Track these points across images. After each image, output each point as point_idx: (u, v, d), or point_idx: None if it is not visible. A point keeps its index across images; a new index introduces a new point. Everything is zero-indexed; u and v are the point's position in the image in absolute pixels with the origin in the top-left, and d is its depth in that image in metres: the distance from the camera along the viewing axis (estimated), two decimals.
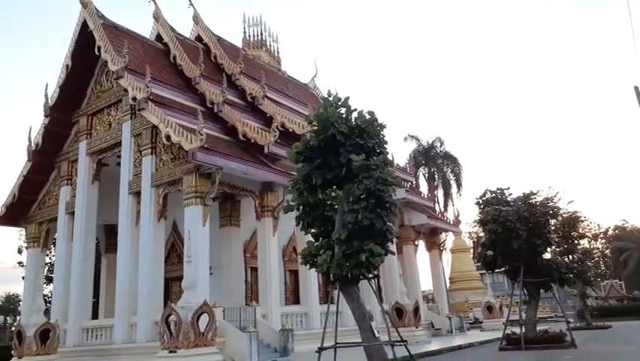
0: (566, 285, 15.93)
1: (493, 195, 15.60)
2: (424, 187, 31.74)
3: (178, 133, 14.19)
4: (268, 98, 19.93)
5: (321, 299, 17.94)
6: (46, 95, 18.56)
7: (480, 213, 15.45)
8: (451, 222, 27.67)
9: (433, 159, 40.60)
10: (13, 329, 29.21)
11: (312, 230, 7.74)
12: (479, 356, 13.98)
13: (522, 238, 13.95)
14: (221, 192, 15.80)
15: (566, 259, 22.10)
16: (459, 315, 25.71)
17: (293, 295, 19.08)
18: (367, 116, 7.40)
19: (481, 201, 15.58)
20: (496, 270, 16.04)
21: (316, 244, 7.55)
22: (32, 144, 18.88)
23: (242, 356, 12.86)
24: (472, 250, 40.71)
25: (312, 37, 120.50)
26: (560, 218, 17.68)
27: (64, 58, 18.42)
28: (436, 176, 40.10)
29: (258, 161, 16.11)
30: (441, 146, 41.31)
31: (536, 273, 14.43)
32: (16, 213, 19.80)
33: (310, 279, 17.09)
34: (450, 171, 40.52)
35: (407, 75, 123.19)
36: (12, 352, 14.50)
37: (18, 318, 29.68)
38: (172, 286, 17.66)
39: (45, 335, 14.07)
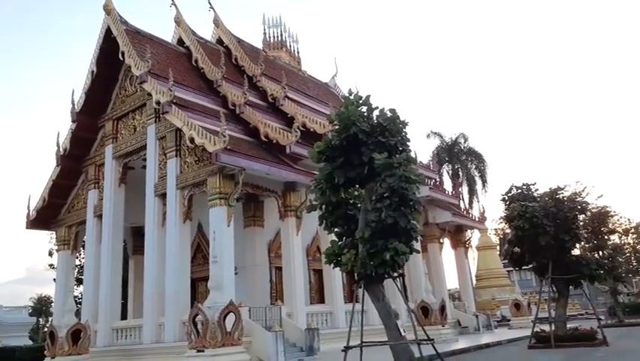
0: (596, 281, 15.58)
1: (519, 191, 15.33)
2: (448, 184, 31.46)
3: (201, 135, 14.35)
4: (289, 98, 20.00)
5: (346, 298, 17.92)
6: (72, 101, 18.99)
7: (506, 209, 15.20)
8: (477, 219, 27.30)
9: (457, 156, 40.09)
10: (45, 329, 30.00)
11: (336, 229, 7.73)
12: (508, 354, 13.76)
13: (549, 234, 13.67)
14: (244, 193, 15.93)
15: (596, 255, 21.61)
16: (486, 313, 25.34)
17: (318, 294, 19.11)
18: (389, 114, 7.35)
19: (506, 198, 15.33)
20: (524, 267, 15.77)
21: (340, 243, 7.54)
22: (60, 149, 19.34)
23: (268, 355, 12.94)
24: (498, 247, 40.07)
25: (332, 36, 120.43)
26: (588, 213, 17.28)
27: (89, 64, 18.81)
28: (460, 173, 39.59)
29: (280, 161, 16.18)
30: (465, 142, 40.79)
31: (565, 269, 14.13)
32: (47, 216, 20.30)
33: (335, 278, 17.09)
34: (474, 167, 39.96)
35: (429, 71, 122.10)
36: (45, 352, 14.89)
37: (50, 319, 30.46)
38: (198, 287, 17.88)
39: (76, 335, 14.40)
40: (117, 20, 18.34)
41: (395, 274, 7.21)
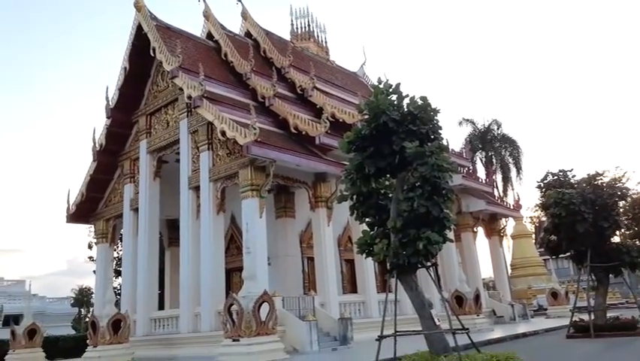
0: (637, 269, 15.06)
1: (555, 177, 14.92)
2: (481, 172, 30.86)
3: (232, 128, 14.51)
4: (317, 89, 19.98)
5: (379, 288, 17.92)
6: (107, 98, 19.46)
7: (542, 196, 14.84)
8: (511, 208, 26.76)
9: (490, 143, 39.24)
10: (87, 319, 31.10)
11: (367, 219, 7.69)
12: (545, 344, 13.50)
13: (588, 222, 13.28)
14: (275, 185, 16.06)
15: (637, 242, 20.87)
16: (522, 302, 24.90)
17: (350, 284, 19.16)
18: (420, 102, 7.23)
19: (542, 185, 14.95)
20: (561, 255, 15.39)
21: (371, 233, 7.50)
22: (97, 145, 19.88)
23: (302, 344, 13.08)
24: (534, 236, 39.18)
25: (360, 25, 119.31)
26: (629, 199, 16.67)
27: (122, 60, 19.22)
28: (493, 160, 38.76)
29: (309, 152, 16.22)
30: (498, 129, 39.86)
31: (604, 257, 13.73)
32: (85, 210, 20.95)
33: (367, 268, 17.10)
34: (508, 154, 39.04)
35: (460, 57, 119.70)
36: (87, 341, 15.44)
37: (91, 309, 31.56)
38: (232, 277, 18.18)
39: (117, 325, 14.87)
40: (147, 17, 18.65)
41: (428, 264, 7.14)
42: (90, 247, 31.90)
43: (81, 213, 20.91)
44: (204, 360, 12.40)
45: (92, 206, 21.03)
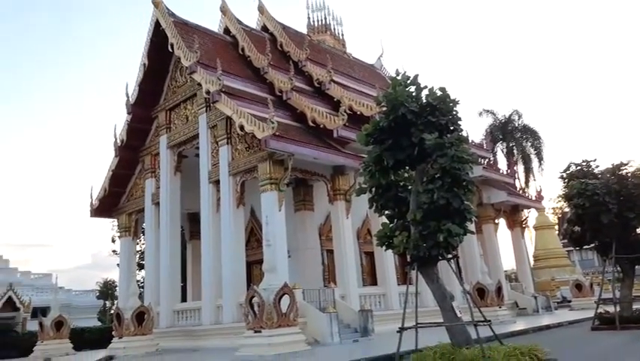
0: None
1: (578, 168, 14.64)
2: (502, 163, 30.46)
3: (251, 123, 14.58)
4: (335, 82, 19.92)
5: (399, 280, 17.89)
6: (127, 94, 19.73)
7: (564, 187, 14.57)
8: (534, 199, 26.38)
9: (511, 134, 38.66)
10: (112, 312, 31.74)
11: (386, 212, 7.66)
12: (570, 336, 13.32)
13: (612, 212, 13.01)
14: (294, 178, 16.11)
15: None
16: (545, 294, 24.58)
17: (370, 276, 19.17)
18: (438, 93, 7.15)
19: (565, 175, 14.69)
20: (585, 246, 15.12)
21: (391, 225, 7.47)
22: (118, 141, 20.19)
23: (323, 335, 13.15)
24: (557, 227, 38.55)
25: (377, 16, 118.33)
26: None
27: (141, 57, 19.44)
28: (515, 151, 38.20)
29: (327, 145, 16.21)
30: (519, 119, 39.23)
31: (630, 248, 13.44)
32: (108, 205, 21.33)
33: (387, 260, 17.08)
34: (530, 145, 38.42)
35: (478, 47, 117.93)
36: (113, 332, 15.79)
37: (116, 302, 32.20)
38: (253, 270, 18.35)
39: (140, 317, 15.17)
40: (165, 13, 18.80)
41: (449, 256, 7.09)
42: (113, 240, 32.51)
43: (104, 207, 21.28)
44: (227, 352, 12.55)
45: (115, 201, 21.40)
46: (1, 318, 23.42)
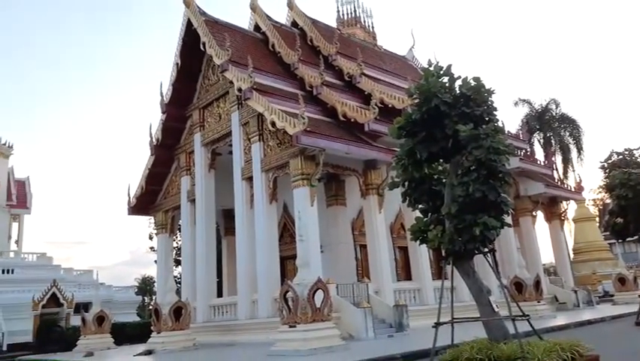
0: None
1: (621, 157, 14.20)
2: (539, 154, 29.64)
3: (282, 119, 14.64)
4: (365, 75, 19.79)
5: (434, 275, 17.69)
6: (161, 94, 20.12)
7: (606, 177, 14.15)
8: (573, 190, 25.60)
9: (549, 123, 37.56)
10: (150, 307, 32.58)
11: (420, 206, 7.53)
12: (613, 331, 12.88)
13: None
14: (325, 173, 16.12)
15: None
16: (586, 288, 23.86)
17: (404, 271, 19.02)
18: (473, 83, 6.97)
19: (606, 165, 14.29)
20: (628, 238, 14.60)
21: (425, 219, 7.35)
22: (154, 140, 20.64)
23: (358, 330, 13.13)
24: (597, 219, 37.33)
25: (407, 7, 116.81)
26: None
27: (174, 57, 19.77)
28: (552, 141, 37.11)
29: (359, 140, 16.13)
30: (556, 108, 38.07)
31: None
32: (145, 203, 21.86)
33: (421, 255, 16.92)
34: (568, 134, 37.25)
35: (512, 35, 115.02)
36: (151, 327, 16.19)
37: (154, 297, 33.04)
38: (287, 265, 18.48)
39: (178, 312, 15.50)
40: (196, 12, 19.06)
41: (485, 250, 6.93)
42: (151, 237, 33.33)
43: (141, 205, 21.81)
44: (262, 346, 12.68)
45: (152, 198, 21.90)
46: (46, 313, 24.33)
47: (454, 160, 7.10)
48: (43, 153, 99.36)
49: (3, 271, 28.53)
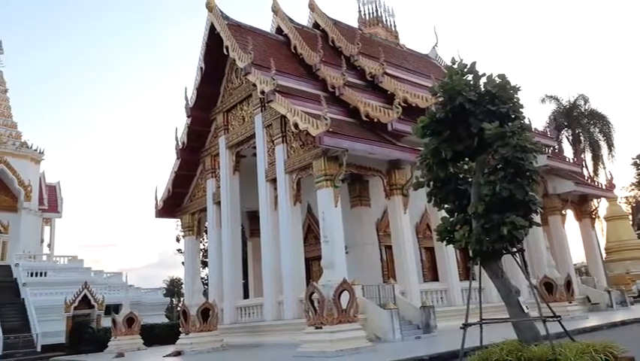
0: None
1: None
2: (568, 151, 29.03)
3: (304, 120, 14.67)
4: (388, 74, 19.67)
5: (461, 275, 17.48)
6: (186, 98, 20.40)
7: (638, 174, 13.69)
8: (604, 188, 24.95)
9: (577, 120, 36.69)
10: (178, 308, 33.01)
11: (446, 205, 7.44)
12: None
13: None
14: (349, 174, 16.08)
15: None
16: (619, 288, 23.22)
17: (430, 271, 18.84)
18: (498, 80, 6.86)
19: (638, 161, 13.78)
20: None
21: (451, 219, 7.26)
22: (179, 143, 20.94)
23: (384, 332, 13.04)
24: (630, 217, 36.27)
25: (430, 4, 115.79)
26: None
27: (198, 61, 20.03)
28: (581, 138, 36.25)
29: (382, 139, 16.04)
30: (585, 104, 37.17)
31: None
32: (172, 206, 22.18)
33: (448, 255, 16.73)
34: (598, 130, 36.32)
35: (537, 31, 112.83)
36: (180, 328, 16.42)
37: (182, 299, 33.49)
38: (312, 266, 18.51)
39: (205, 313, 15.67)
40: (219, 16, 19.27)
41: (514, 250, 6.81)
42: (178, 240, 33.86)
43: (168, 208, 22.14)
44: (289, 347, 12.72)
45: (178, 201, 22.21)
46: (78, 315, 24.93)
47: (480, 159, 7.00)
48: (72, 157, 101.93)
49: (36, 274, 29.35)
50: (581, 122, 36.67)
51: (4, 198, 35.43)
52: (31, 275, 29.05)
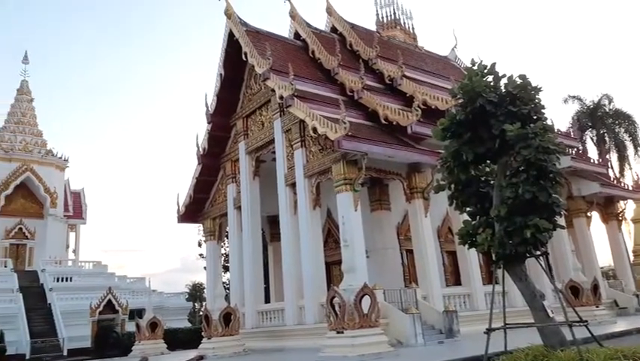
0: None
1: None
2: (593, 152, 28.45)
3: (323, 124, 14.69)
4: (406, 77, 19.58)
5: (484, 279, 17.25)
6: (206, 104, 20.63)
7: None
8: (630, 189, 24.36)
9: (602, 120, 35.91)
10: (200, 313, 33.30)
11: (468, 208, 7.37)
12: None
13: None
14: (368, 177, 16.01)
15: None
16: None
17: (453, 276, 18.64)
18: (518, 81, 6.79)
19: None
20: None
21: (474, 222, 7.18)
22: (200, 149, 21.17)
23: (407, 337, 12.93)
24: None
25: (448, 6, 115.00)
26: None
27: (217, 67, 20.25)
28: (606, 138, 35.47)
29: (401, 143, 15.96)
30: (610, 104, 36.35)
31: None
32: (194, 211, 22.38)
33: (470, 259, 16.53)
34: (623, 130, 35.49)
35: (558, 30, 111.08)
36: (202, 333, 16.55)
37: (204, 303, 33.76)
38: (332, 270, 18.46)
39: (227, 318, 15.77)
40: (237, 23, 19.46)
41: (538, 253, 6.71)
42: (200, 244, 34.12)
43: (190, 213, 22.35)
44: (310, 352, 12.70)
45: (199, 206, 22.41)
46: (102, 320, 25.36)
47: (502, 161, 6.92)
48: (95, 162, 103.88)
49: (62, 279, 29.96)
50: (605, 122, 35.89)
51: (31, 205, 36.33)
52: (57, 280, 29.66)
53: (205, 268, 23.38)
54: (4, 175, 35.08)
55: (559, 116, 66.19)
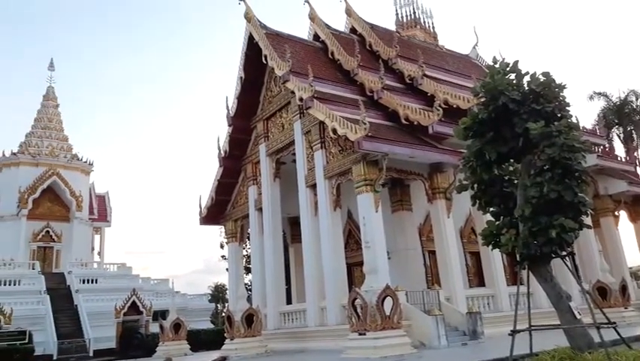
0: None
1: None
2: (620, 150, 27.78)
3: (343, 125, 14.67)
4: (427, 76, 19.42)
5: (508, 280, 16.99)
6: (227, 107, 20.81)
7: None
8: None
9: (629, 117, 35.05)
10: (223, 314, 33.57)
11: (491, 208, 7.27)
12: None
13: None
14: (389, 178, 15.93)
15: None
16: None
17: (476, 277, 18.41)
18: (542, 79, 6.68)
19: None
20: None
21: (497, 223, 7.09)
22: (221, 152, 21.36)
23: (430, 339, 12.81)
24: None
25: (469, 3, 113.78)
26: None
27: (238, 70, 20.41)
28: (634, 135, 34.63)
29: (422, 143, 15.84)
30: (637, 100, 35.48)
31: None
32: (216, 213, 22.58)
33: (494, 260, 16.31)
34: None
35: (582, 26, 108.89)
36: (225, 334, 16.67)
37: (226, 305, 34.04)
38: (354, 271, 18.42)
39: (250, 319, 15.86)
40: (257, 26, 19.58)
41: (563, 253, 6.58)
42: (222, 246, 34.46)
43: (212, 215, 22.56)
44: (332, 353, 12.69)
45: (221, 208, 22.60)
46: (127, 321, 25.75)
47: (526, 160, 6.82)
48: (120, 166, 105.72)
49: (88, 281, 30.57)
50: (632, 119, 35.02)
51: (58, 209, 37.16)
52: (83, 282, 30.28)
53: (227, 269, 23.54)
54: (32, 179, 35.98)
55: (584, 113, 64.91)
